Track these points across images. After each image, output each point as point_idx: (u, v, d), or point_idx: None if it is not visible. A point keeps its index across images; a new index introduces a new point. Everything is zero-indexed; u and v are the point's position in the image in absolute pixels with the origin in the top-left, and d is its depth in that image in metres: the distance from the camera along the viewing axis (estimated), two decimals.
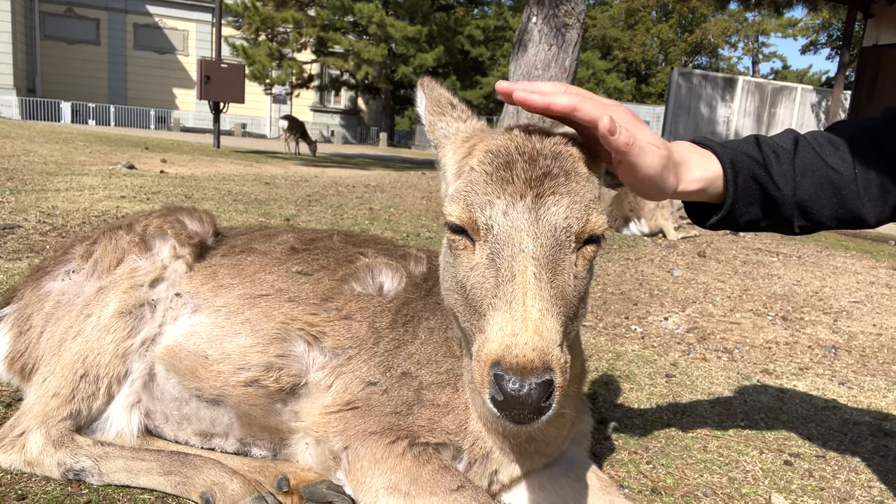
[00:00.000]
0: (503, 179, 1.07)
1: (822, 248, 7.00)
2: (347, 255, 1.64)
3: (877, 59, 13.60)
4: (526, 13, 10.53)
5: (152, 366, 1.55)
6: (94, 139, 14.38)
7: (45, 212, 4.86)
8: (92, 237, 1.66)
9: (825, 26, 36.83)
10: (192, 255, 1.62)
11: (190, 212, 1.73)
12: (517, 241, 1.01)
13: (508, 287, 0.98)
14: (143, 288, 1.54)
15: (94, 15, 35.31)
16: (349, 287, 1.55)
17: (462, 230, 1.08)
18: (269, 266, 1.61)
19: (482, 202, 1.06)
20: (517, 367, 0.91)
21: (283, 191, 7.67)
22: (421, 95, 1.31)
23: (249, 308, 1.53)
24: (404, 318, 1.50)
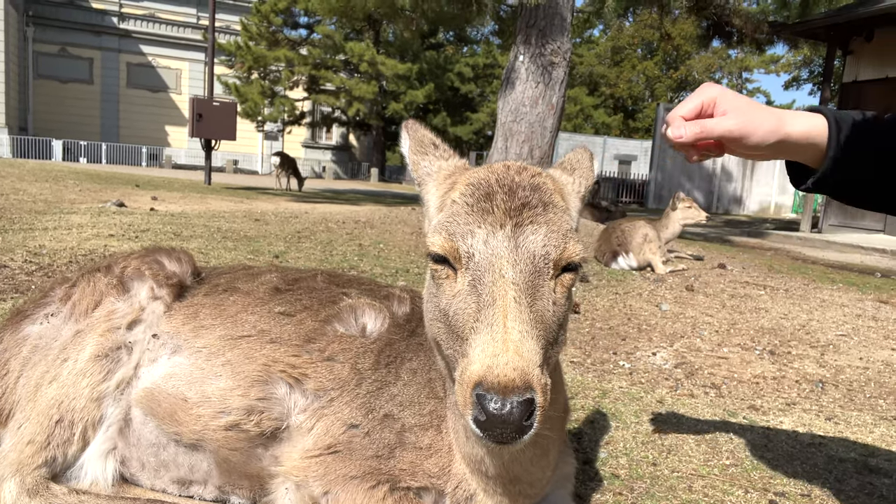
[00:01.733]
0: (484, 210, 1.11)
1: (808, 281, 7.04)
2: (331, 295, 1.65)
3: (857, 95, 13.90)
4: (513, 52, 10.75)
5: (128, 410, 1.53)
6: (84, 177, 14.41)
7: (31, 251, 4.84)
8: (71, 280, 1.66)
9: (806, 63, 37.71)
10: (170, 295, 1.62)
11: (168, 252, 1.74)
12: (497, 268, 1.05)
13: (489, 311, 1.01)
14: (121, 330, 1.54)
15: (87, 54, 35.72)
16: (332, 328, 1.55)
17: (444, 260, 1.11)
18: (252, 306, 1.61)
19: (464, 231, 1.10)
20: (499, 386, 0.93)
21: (273, 227, 7.68)
22: (405, 136, 1.37)
23: (231, 349, 1.53)
24: (387, 359, 1.50)
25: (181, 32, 37.79)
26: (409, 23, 14.19)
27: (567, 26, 10.42)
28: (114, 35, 36.12)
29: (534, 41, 10.35)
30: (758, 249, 11.04)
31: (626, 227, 7.03)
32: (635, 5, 13.68)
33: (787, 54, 37.57)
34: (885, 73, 13.28)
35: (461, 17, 13.68)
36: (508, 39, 13.05)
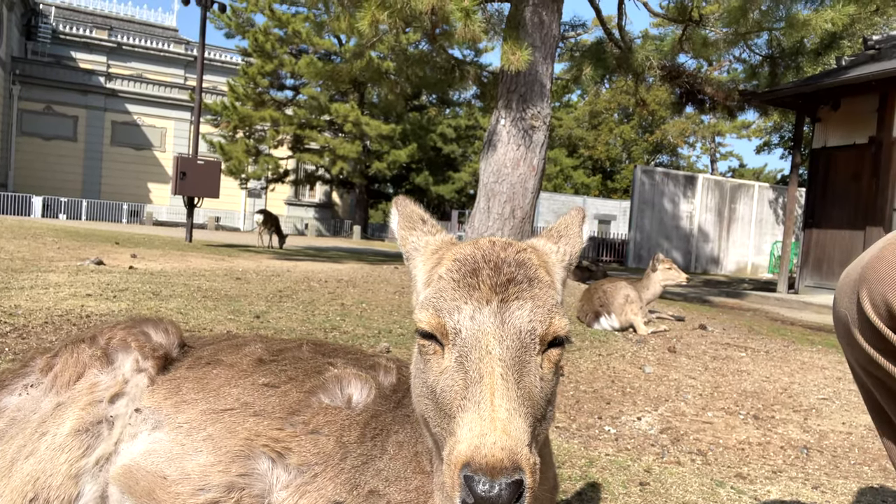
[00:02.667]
0: (470, 286, 1.11)
1: (788, 343, 7.10)
2: (316, 365, 1.63)
3: (827, 160, 14.38)
4: (495, 116, 11.03)
5: (105, 487, 1.48)
6: (63, 234, 14.28)
7: (6, 311, 4.74)
8: (54, 349, 1.63)
9: (777, 128, 39.05)
10: (155, 368, 1.59)
11: (155, 323, 1.71)
12: (484, 344, 1.04)
13: (476, 388, 1.00)
14: (103, 404, 1.50)
15: (73, 112, 35.97)
16: (317, 399, 1.52)
17: (432, 336, 1.10)
18: (235, 379, 1.58)
19: (450, 307, 1.09)
20: (487, 467, 0.91)
21: (255, 286, 7.63)
22: (394, 212, 1.38)
23: (212, 424, 1.49)
24: (373, 432, 1.47)
25: (168, 92, 38.33)
26: (394, 86, 14.58)
27: (547, 92, 10.75)
28: (100, 94, 36.51)
29: (514, 106, 10.65)
30: (737, 310, 11.15)
31: (607, 287, 7.09)
32: (611, 73, 14.19)
33: (757, 120, 38.94)
34: (853, 139, 13.80)
35: (444, 82, 14.08)
36: (490, 103, 13.41)
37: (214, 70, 41.09)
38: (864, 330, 1.19)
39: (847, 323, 1.24)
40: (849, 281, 1.24)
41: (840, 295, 1.27)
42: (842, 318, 1.26)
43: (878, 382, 1.23)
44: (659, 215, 24.81)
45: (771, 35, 12.82)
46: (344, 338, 5.01)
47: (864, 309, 1.16)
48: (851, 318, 1.22)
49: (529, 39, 10.22)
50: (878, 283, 1.13)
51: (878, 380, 1.22)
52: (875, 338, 1.17)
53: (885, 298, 1.12)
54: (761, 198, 26.67)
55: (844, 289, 1.25)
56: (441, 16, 8.96)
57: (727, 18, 11.30)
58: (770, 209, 26.89)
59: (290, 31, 29.41)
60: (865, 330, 1.19)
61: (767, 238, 26.48)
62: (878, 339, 1.16)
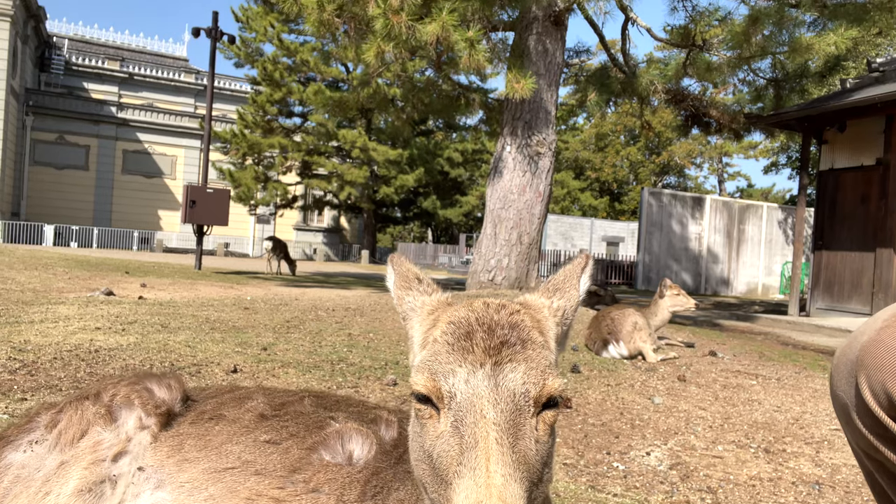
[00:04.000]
0: (464, 349, 1.12)
1: (800, 369, 7.03)
2: (318, 419, 1.63)
3: (835, 182, 14.35)
4: (500, 142, 11.11)
5: None
6: (74, 264, 14.40)
7: (16, 347, 4.77)
8: (59, 405, 1.64)
9: (784, 149, 39.03)
10: (158, 425, 1.60)
11: (159, 378, 1.72)
12: (478, 408, 1.04)
13: (472, 454, 1.00)
14: (106, 463, 1.50)
15: (84, 142, 36.50)
16: (318, 456, 1.52)
17: (427, 399, 1.10)
18: (237, 435, 1.59)
19: (445, 371, 1.09)
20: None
21: (262, 316, 7.65)
22: (391, 270, 1.38)
23: (214, 483, 1.49)
24: (374, 490, 1.46)
25: (178, 121, 38.85)
26: (400, 113, 14.72)
27: (552, 119, 10.82)
28: (112, 123, 37.06)
29: (520, 132, 10.72)
30: (748, 334, 11.06)
31: (615, 314, 7.06)
32: (616, 97, 14.29)
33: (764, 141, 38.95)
34: (860, 161, 13.78)
35: (450, 109, 14.21)
36: (496, 127, 13.51)
37: (224, 98, 41.66)
38: (864, 416, 1.18)
39: (846, 406, 1.22)
40: (846, 361, 1.22)
41: (837, 375, 1.25)
42: (840, 400, 1.25)
43: (879, 466, 1.22)
44: (667, 237, 24.76)
45: (774, 58, 12.89)
46: (351, 370, 5.00)
47: (863, 396, 1.15)
48: (850, 401, 1.20)
49: (533, 67, 10.32)
50: (877, 371, 1.12)
51: (879, 463, 1.21)
52: (875, 425, 1.15)
53: (884, 387, 1.10)
54: (770, 218, 26.59)
55: (841, 370, 1.23)
56: (446, 45, 9.08)
57: (731, 42, 11.38)
58: (779, 229, 26.79)
59: (299, 60, 29.84)
60: (864, 416, 1.17)
61: (777, 258, 26.34)
62: (879, 426, 1.14)
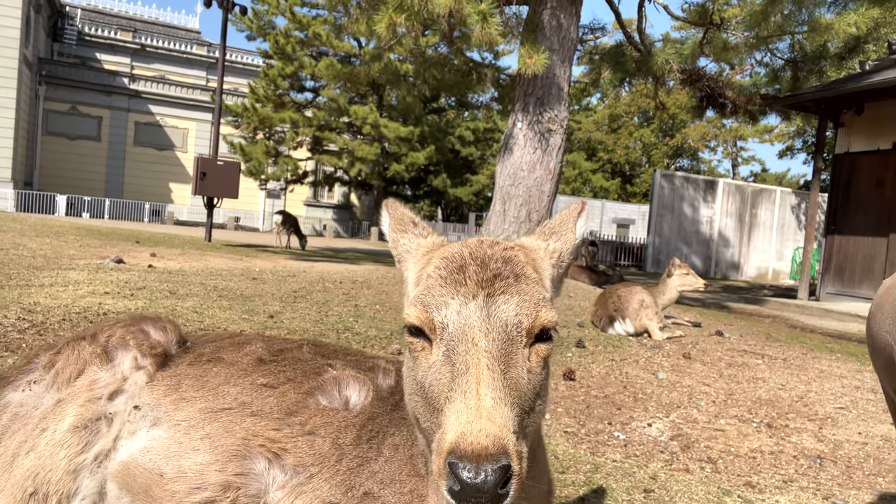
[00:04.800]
0: (457, 282, 1.14)
1: (807, 351, 6.99)
2: (315, 366, 1.63)
3: (850, 166, 14.16)
4: (512, 119, 11.01)
5: (103, 484, 1.50)
6: (85, 233, 14.49)
7: (26, 308, 4.82)
8: (56, 346, 1.65)
9: (800, 133, 38.48)
10: (153, 365, 1.60)
11: (154, 321, 1.73)
12: (470, 337, 1.07)
13: (463, 379, 1.02)
14: (102, 401, 1.52)
15: (97, 113, 36.56)
16: (315, 401, 1.53)
17: (420, 332, 1.12)
18: (235, 378, 1.59)
19: (438, 303, 1.12)
20: (472, 454, 0.92)
21: (270, 286, 7.68)
22: (385, 215, 1.39)
23: (210, 423, 1.50)
24: (369, 434, 1.47)
25: (190, 94, 38.79)
26: (412, 89, 14.61)
27: (564, 96, 10.71)
28: (124, 95, 37.06)
29: (531, 109, 10.62)
30: (755, 316, 11.01)
31: (622, 292, 7.03)
32: (630, 76, 14.11)
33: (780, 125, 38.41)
34: (877, 145, 13.57)
35: (462, 85, 14.09)
36: (508, 106, 13.41)
37: (236, 72, 41.51)
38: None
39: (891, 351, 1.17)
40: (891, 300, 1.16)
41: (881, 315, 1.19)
42: (882, 344, 1.19)
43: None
44: (678, 220, 24.58)
45: (793, 39, 12.66)
46: (356, 339, 5.02)
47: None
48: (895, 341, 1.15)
49: (547, 43, 10.18)
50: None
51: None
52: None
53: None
54: (783, 203, 26.32)
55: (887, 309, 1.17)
56: (458, 18, 8.97)
57: (749, 22, 11.18)
58: (792, 214, 26.53)
59: (311, 34, 29.62)
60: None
61: (789, 244, 26.12)
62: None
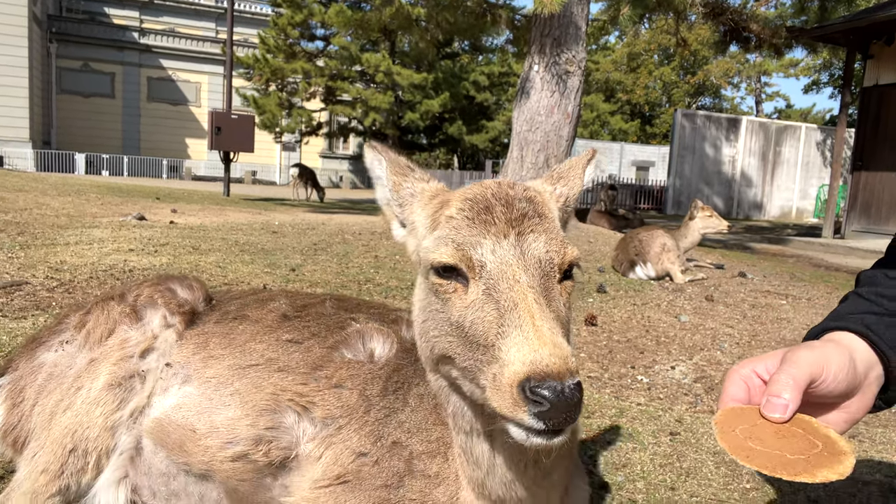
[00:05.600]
0: (486, 222, 1.15)
1: (831, 290, 6.92)
2: (339, 320, 1.64)
3: (879, 99, 13.69)
4: (528, 62, 10.73)
5: (139, 439, 1.54)
6: (106, 190, 14.62)
7: (53, 267, 4.90)
8: (86, 307, 1.67)
9: (826, 66, 37.19)
10: (182, 323, 1.62)
11: (181, 280, 1.74)
12: (510, 274, 1.08)
13: (513, 315, 1.03)
14: (134, 359, 1.54)
15: (109, 69, 36.35)
16: (340, 354, 1.54)
17: (452, 272, 1.13)
18: (260, 334, 1.61)
19: (471, 242, 1.13)
20: (554, 373, 0.96)
21: (290, 240, 7.72)
22: (378, 157, 1.38)
23: (239, 379, 1.52)
24: (395, 385, 1.49)
25: (200, 46, 38.33)
26: (424, 34, 14.26)
27: (582, 35, 10.39)
28: (134, 50, 36.73)
29: (548, 50, 10.33)
30: (779, 256, 10.89)
31: (643, 236, 6.96)
32: (651, 12, 13.61)
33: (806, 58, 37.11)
34: None
35: (476, 28, 13.72)
36: (523, 48, 13.05)
37: (245, 22, 40.82)
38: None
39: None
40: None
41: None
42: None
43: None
44: (700, 160, 24.12)
45: None
46: (377, 290, 5.05)
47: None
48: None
49: None
50: None
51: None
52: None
53: None
54: (808, 140, 25.66)
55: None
56: None
57: None
58: (817, 151, 25.90)
59: None
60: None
61: (814, 182, 25.59)
62: None
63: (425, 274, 1.18)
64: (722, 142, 24.38)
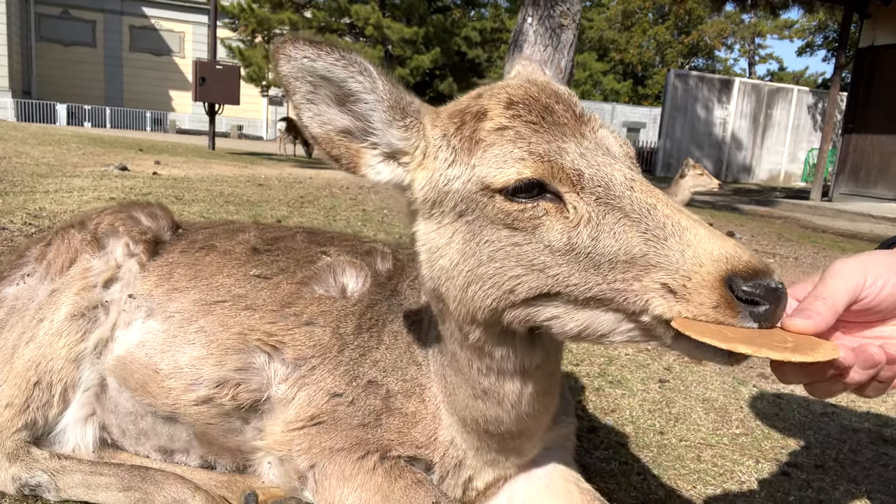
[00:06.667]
0: (556, 124, 0.99)
1: (819, 250, 6.93)
2: (310, 255, 1.55)
3: (873, 61, 13.56)
4: (521, 14, 10.47)
5: (104, 377, 1.47)
6: (87, 141, 14.29)
7: (31, 213, 4.78)
8: (46, 238, 1.58)
9: (821, 28, 36.86)
10: (145, 252, 1.54)
11: (143, 207, 1.65)
12: (619, 177, 0.95)
13: (657, 215, 0.91)
14: (97, 289, 1.46)
15: (89, 17, 35.23)
16: (310, 290, 1.46)
17: (530, 191, 0.95)
18: (228, 268, 1.52)
19: (553, 149, 0.95)
20: (760, 270, 0.84)
21: (276, 192, 7.60)
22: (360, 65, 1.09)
23: (204, 316, 1.44)
24: (369, 322, 1.42)
25: None
26: None
27: None
28: None
29: (542, 3, 10.07)
30: (767, 218, 10.90)
31: None
32: None
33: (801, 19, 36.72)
34: None
35: None
36: (517, 2, 12.75)
37: None
38: None
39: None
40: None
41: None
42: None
43: None
44: (691, 122, 23.96)
45: None
46: None
47: None
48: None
49: None
50: None
51: None
52: None
53: None
54: (800, 102, 25.53)
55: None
56: None
57: None
58: (808, 115, 25.79)
59: None
60: None
61: (803, 145, 25.55)
62: None
63: (467, 207, 0.99)
64: (714, 103, 24.20)
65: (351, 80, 1.07)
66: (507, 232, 0.97)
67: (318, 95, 1.06)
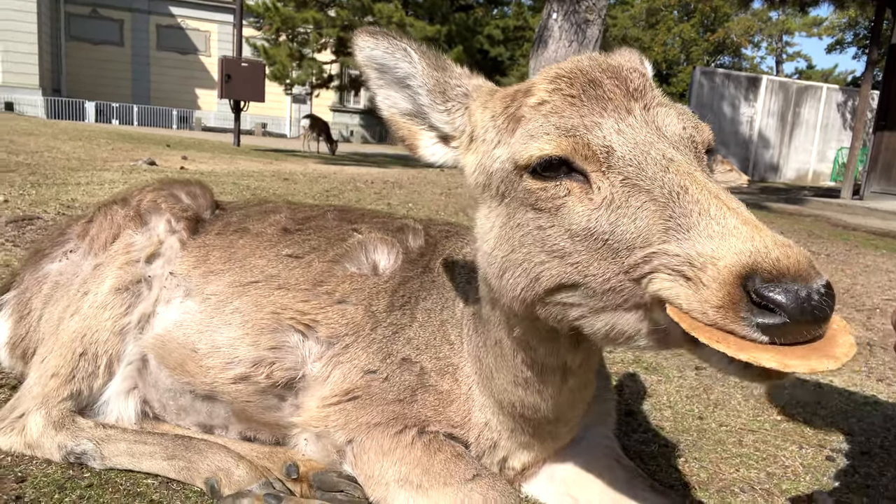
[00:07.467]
0: (598, 98, 0.91)
1: (850, 247, 6.79)
2: (341, 232, 1.55)
3: None
4: (546, 9, 10.41)
5: (145, 353, 1.48)
6: (116, 137, 14.52)
7: (64, 204, 4.86)
8: (88, 215, 1.61)
9: (851, 25, 36.14)
10: (186, 230, 1.55)
11: (183, 185, 1.67)
12: (656, 155, 0.85)
13: (685, 200, 0.80)
14: (140, 263, 1.48)
15: (117, 16, 35.80)
16: (341, 268, 1.46)
17: (557, 169, 0.89)
18: (260, 249, 1.53)
19: (584, 124, 0.89)
20: (789, 270, 0.71)
21: (302, 186, 7.64)
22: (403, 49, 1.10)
23: (239, 297, 1.45)
24: (402, 300, 1.41)
25: None
26: None
27: None
28: None
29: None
30: (796, 216, 10.72)
31: None
32: None
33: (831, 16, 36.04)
34: None
35: None
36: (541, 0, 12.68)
37: None
38: None
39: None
40: None
41: None
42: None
43: None
44: (717, 120, 23.64)
45: None
46: None
47: None
48: None
49: None
50: None
51: None
52: None
53: None
54: (829, 100, 25.06)
55: None
56: None
57: None
58: (838, 113, 25.31)
59: None
60: None
61: (833, 144, 25.09)
62: None
63: (506, 188, 0.95)
64: (740, 101, 23.86)
65: (398, 66, 1.10)
66: (533, 214, 0.92)
67: (385, 80, 1.10)
